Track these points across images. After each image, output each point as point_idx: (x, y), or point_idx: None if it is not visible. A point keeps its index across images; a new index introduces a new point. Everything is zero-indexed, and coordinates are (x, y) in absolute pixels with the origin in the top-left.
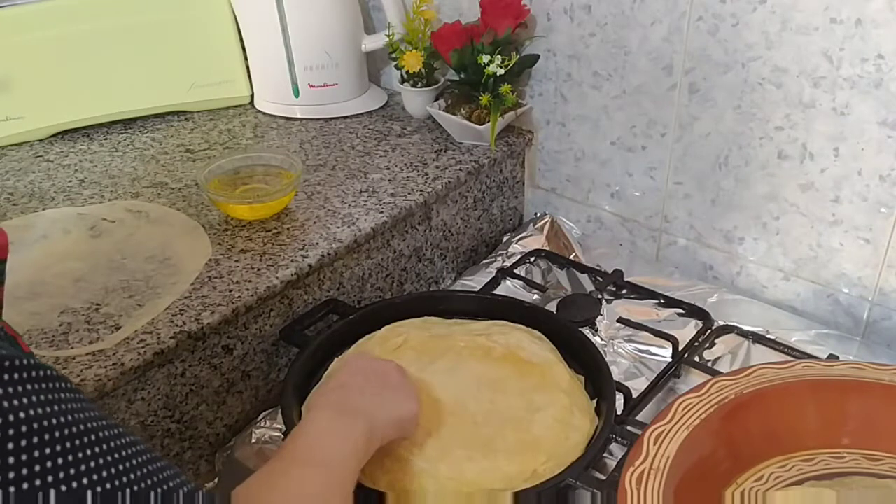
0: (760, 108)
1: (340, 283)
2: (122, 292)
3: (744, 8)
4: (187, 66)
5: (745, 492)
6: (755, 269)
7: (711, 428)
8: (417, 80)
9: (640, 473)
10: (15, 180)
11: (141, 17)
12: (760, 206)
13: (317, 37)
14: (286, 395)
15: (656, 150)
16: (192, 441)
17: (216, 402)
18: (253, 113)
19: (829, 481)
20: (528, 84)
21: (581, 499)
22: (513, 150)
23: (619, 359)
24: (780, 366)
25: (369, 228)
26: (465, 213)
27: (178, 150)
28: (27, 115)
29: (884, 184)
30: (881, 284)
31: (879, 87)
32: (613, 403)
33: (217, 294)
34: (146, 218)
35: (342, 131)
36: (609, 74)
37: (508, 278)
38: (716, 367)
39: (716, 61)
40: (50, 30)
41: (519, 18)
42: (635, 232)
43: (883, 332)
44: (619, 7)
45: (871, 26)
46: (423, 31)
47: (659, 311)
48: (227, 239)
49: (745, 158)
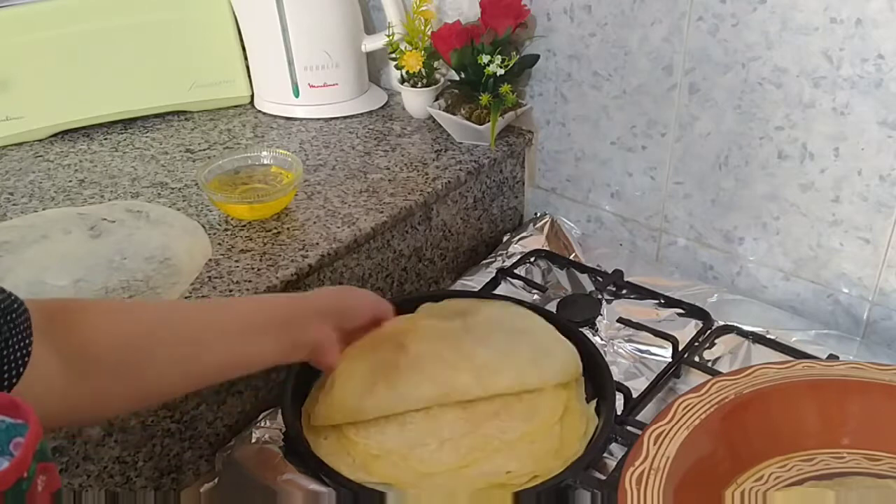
0: (760, 108)
1: (340, 283)
2: (122, 292)
3: (744, 8)
4: (187, 66)
5: (745, 492)
6: (755, 269)
7: (711, 428)
8: (417, 80)
9: (640, 473)
10: (15, 180)
11: (141, 17)
12: (760, 206)
13: (317, 37)
14: (286, 395)
15: (656, 150)
16: (192, 441)
17: (216, 402)
18: (253, 113)
19: (829, 481)
20: (528, 84)
21: (581, 499)
22: (513, 150)
23: (619, 359)
24: (780, 366)
25: (369, 228)
26: (465, 213)
27: (178, 150)
28: (27, 115)
29: (884, 184)
30: (881, 284)
31: (879, 87)
32: (613, 403)
33: (217, 294)
34: (146, 218)
35: (342, 131)
36: (609, 74)
37: (508, 278)
38: (716, 367)
39: (716, 61)
40: (50, 30)
41: (519, 18)
42: (635, 232)
43: (883, 332)
44: (619, 7)
45: (871, 26)
46: (423, 31)
47: (659, 311)
48: (227, 239)
49: (745, 158)
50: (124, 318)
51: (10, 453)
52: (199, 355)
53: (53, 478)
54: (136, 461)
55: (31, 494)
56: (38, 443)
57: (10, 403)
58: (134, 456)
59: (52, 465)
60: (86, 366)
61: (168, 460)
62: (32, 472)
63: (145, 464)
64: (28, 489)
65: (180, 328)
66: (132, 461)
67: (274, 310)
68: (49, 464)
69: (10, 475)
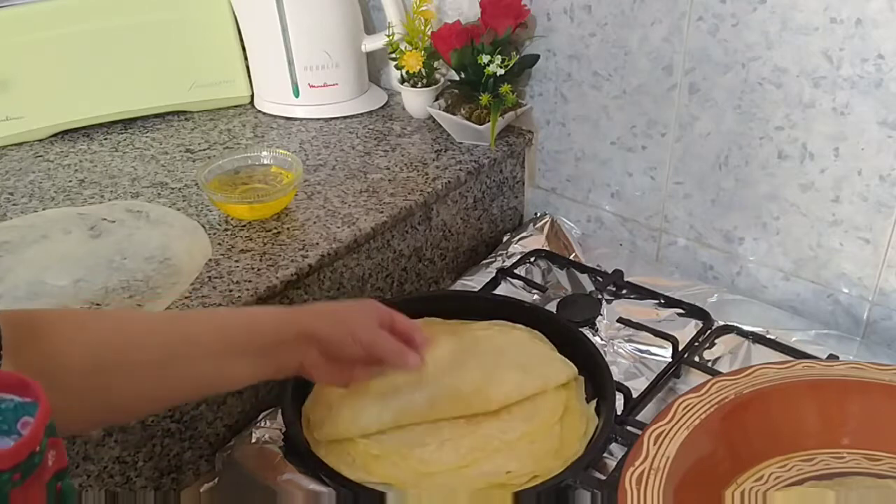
0: (760, 108)
1: (340, 283)
2: (122, 292)
3: (744, 8)
4: (187, 66)
5: (745, 492)
6: (755, 269)
7: (711, 428)
8: (417, 80)
9: (640, 473)
10: (15, 180)
11: (141, 17)
12: (760, 206)
13: (317, 37)
14: (286, 395)
15: (656, 150)
16: (192, 441)
17: (216, 402)
18: (253, 113)
19: (829, 481)
20: (528, 84)
21: (581, 499)
22: (513, 150)
23: (619, 359)
24: (780, 366)
25: (369, 228)
26: (465, 213)
27: (178, 150)
28: (27, 115)
29: (884, 184)
30: (881, 284)
31: (879, 87)
32: (613, 403)
33: (217, 294)
34: (146, 218)
35: (342, 131)
36: (609, 74)
37: (508, 278)
38: (716, 367)
39: (716, 61)
40: (50, 30)
41: (519, 18)
42: (635, 232)
43: (883, 332)
44: (619, 7)
45: (871, 26)
46: (423, 31)
47: (659, 311)
48: (227, 239)
49: (745, 158)
50: (95, 328)
51: (17, 433)
52: (175, 370)
53: (61, 454)
54: (136, 461)
55: (42, 468)
56: (49, 418)
57: (18, 382)
58: (134, 456)
59: (60, 440)
60: (53, 380)
61: (168, 460)
62: (44, 446)
63: (145, 464)
64: (40, 463)
65: (154, 341)
66: (132, 461)
67: (257, 330)
68: (57, 440)
69: (24, 448)
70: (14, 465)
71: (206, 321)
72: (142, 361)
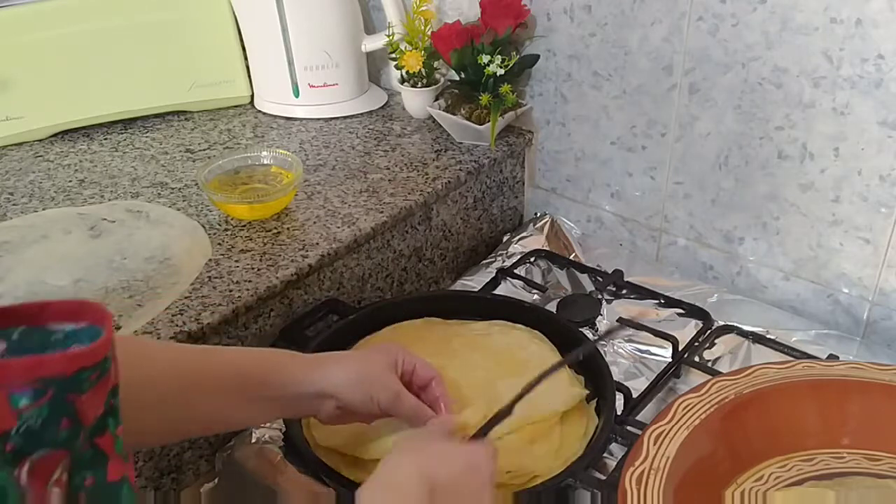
0: (760, 108)
1: (340, 283)
2: (122, 292)
3: (744, 8)
4: (187, 66)
5: (745, 492)
6: (755, 269)
7: (711, 428)
8: (417, 80)
9: (640, 473)
10: (15, 180)
11: (141, 17)
12: (760, 206)
13: (317, 37)
14: None
15: (656, 150)
16: (191, 441)
17: None
18: (253, 113)
19: (829, 481)
20: (528, 84)
21: (581, 499)
22: (513, 150)
23: (619, 359)
24: (780, 366)
25: (369, 228)
26: (465, 213)
27: (178, 150)
28: (27, 115)
29: (884, 184)
30: (881, 284)
31: (879, 87)
32: (613, 403)
33: (217, 294)
34: (146, 218)
35: (342, 131)
36: (609, 74)
37: (508, 278)
38: (716, 367)
39: (716, 61)
40: (50, 30)
41: (519, 18)
42: (635, 232)
43: (883, 332)
44: (619, 7)
45: (871, 26)
46: (423, 31)
47: (659, 311)
48: (227, 239)
49: (745, 158)
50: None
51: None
52: (188, 411)
53: (117, 370)
54: (136, 461)
55: (109, 375)
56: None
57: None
58: (134, 456)
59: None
60: None
61: (168, 460)
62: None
63: (145, 464)
64: (109, 368)
65: (171, 370)
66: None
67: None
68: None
69: (101, 349)
70: (94, 363)
71: (227, 363)
72: (158, 386)
